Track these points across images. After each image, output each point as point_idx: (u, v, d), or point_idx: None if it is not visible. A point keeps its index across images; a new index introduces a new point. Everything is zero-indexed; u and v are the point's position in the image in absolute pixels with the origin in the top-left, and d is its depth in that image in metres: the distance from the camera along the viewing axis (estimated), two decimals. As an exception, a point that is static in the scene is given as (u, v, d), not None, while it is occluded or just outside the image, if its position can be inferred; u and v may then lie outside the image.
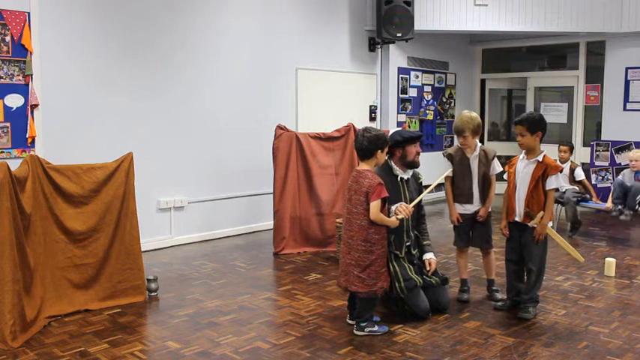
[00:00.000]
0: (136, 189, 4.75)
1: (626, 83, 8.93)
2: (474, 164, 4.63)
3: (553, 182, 4.15)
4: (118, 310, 4.51)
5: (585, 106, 9.63)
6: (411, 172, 4.40)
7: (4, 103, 5.29)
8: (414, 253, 4.38)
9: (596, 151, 8.64)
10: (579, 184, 7.35)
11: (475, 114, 4.67)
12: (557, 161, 7.36)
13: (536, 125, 4.17)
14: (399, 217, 4.02)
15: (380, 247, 3.94)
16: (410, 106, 9.57)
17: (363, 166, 4.00)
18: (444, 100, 10.25)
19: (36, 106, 5.45)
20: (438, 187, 4.61)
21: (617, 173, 8.18)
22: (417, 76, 9.69)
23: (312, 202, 6.42)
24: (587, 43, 9.51)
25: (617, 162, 8.43)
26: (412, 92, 9.60)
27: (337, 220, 5.90)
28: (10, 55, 5.30)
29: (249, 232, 7.34)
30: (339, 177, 6.47)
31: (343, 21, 8.56)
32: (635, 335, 4.00)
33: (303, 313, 4.43)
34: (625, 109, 8.97)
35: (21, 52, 5.36)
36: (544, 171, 4.15)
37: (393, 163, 4.33)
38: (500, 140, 10.93)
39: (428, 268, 4.37)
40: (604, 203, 7.33)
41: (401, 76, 9.37)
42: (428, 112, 9.89)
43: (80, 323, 4.22)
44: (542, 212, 4.16)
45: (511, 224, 4.39)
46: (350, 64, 8.69)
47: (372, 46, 8.98)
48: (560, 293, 4.91)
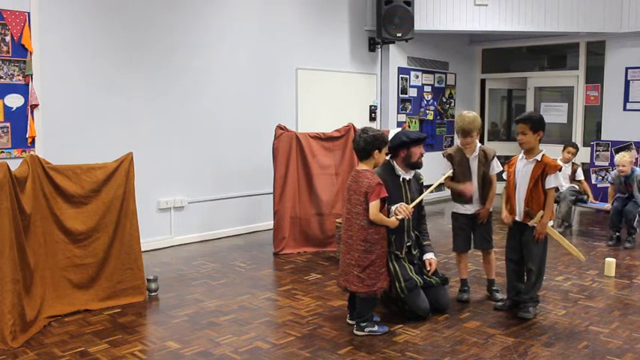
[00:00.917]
0: (136, 189, 4.76)
1: (626, 83, 8.93)
2: (473, 164, 4.63)
3: (552, 181, 4.15)
4: (118, 310, 4.51)
5: (585, 106, 9.63)
6: (412, 173, 4.39)
7: (4, 103, 5.29)
8: (415, 253, 4.39)
9: (596, 151, 8.64)
10: (579, 183, 7.39)
11: (474, 113, 4.67)
12: (559, 161, 7.39)
13: (539, 124, 4.19)
14: (399, 217, 4.02)
15: (379, 247, 3.94)
16: (410, 106, 9.57)
17: (363, 166, 4.00)
18: (444, 100, 10.24)
19: (36, 106, 5.46)
20: (439, 187, 4.61)
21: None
22: (417, 76, 9.68)
23: (312, 202, 6.42)
24: (587, 43, 9.51)
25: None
26: (412, 92, 9.60)
27: (337, 220, 5.90)
28: (10, 55, 5.30)
29: (249, 232, 7.33)
30: (339, 177, 6.47)
31: (343, 21, 8.55)
32: (635, 335, 4.00)
33: (303, 313, 4.43)
34: (625, 109, 8.97)
35: (21, 52, 5.36)
36: (543, 170, 4.15)
37: (395, 164, 4.32)
38: (501, 140, 10.93)
39: (428, 269, 4.37)
40: (604, 203, 7.34)
41: (401, 76, 9.37)
42: (428, 112, 9.89)
43: (80, 323, 4.22)
44: (541, 211, 4.16)
45: (512, 225, 4.39)
46: (350, 64, 8.68)
47: (372, 46, 8.98)
48: (560, 293, 4.91)
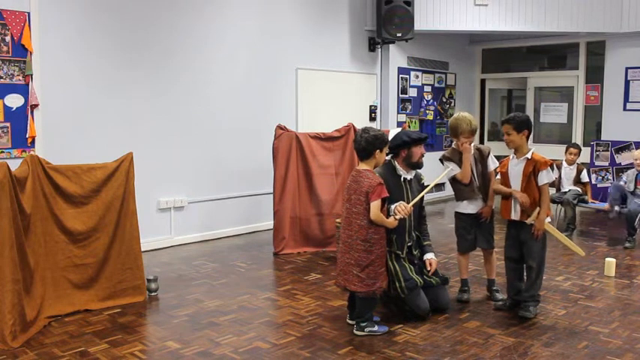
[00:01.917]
0: (136, 189, 4.75)
1: (626, 83, 8.93)
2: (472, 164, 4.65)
3: (544, 177, 4.20)
4: (118, 310, 4.51)
5: (585, 106, 9.63)
6: (413, 173, 4.38)
7: (4, 103, 5.29)
8: (415, 253, 4.38)
9: (596, 151, 8.64)
10: (583, 185, 7.38)
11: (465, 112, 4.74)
12: (563, 162, 7.39)
13: (522, 124, 4.28)
14: (398, 217, 4.01)
15: (379, 247, 3.94)
16: (410, 106, 9.57)
17: (363, 166, 4.00)
18: (444, 100, 10.25)
19: (36, 106, 5.45)
20: (438, 187, 4.60)
21: (616, 173, 8.18)
22: (417, 76, 9.68)
23: (312, 202, 6.42)
24: (587, 43, 9.51)
25: (617, 162, 8.43)
26: (412, 92, 9.60)
27: (337, 220, 5.89)
28: (10, 55, 5.30)
29: (249, 232, 7.33)
30: (339, 177, 6.47)
31: (343, 21, 8.55)
32: (635, 335, 4.00)
33: (303, 313, 4.43)
34: (625, 109, 8.97)
35: (21, 52, 5.36)
36: (534, 167, 4.21)
37: (396, 164, 4.31)
38: (500, 140, 10.86)
39: (428, 269, 4.37)
40: (603, 203, 7.34)
41: (401, 76, 9.37)
42: (428, 112, 9.89)
43: (80, 323, 4.22)
44: (538, 208, 4.18)
45: (509, 223, 4.42)
46: (350, 64, 8.68)
47: (372, 46, 8.98)
48: (560, 293, 4.91)
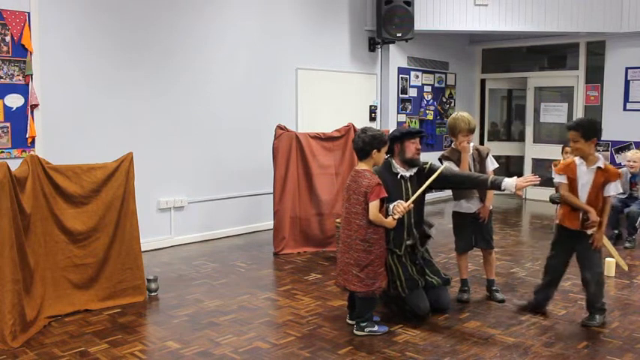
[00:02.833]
0: (136, 189, 4.76)
1: (626, 83, 8.93)
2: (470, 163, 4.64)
3: (612, 189, 4.08)
4: (118, 310, 4.51)
5: (585, 106, 9.62)
6: (414, 170, 4.27)
7: (4, 103, 5.29)
8: (418, 252, 4.33)
9: (595, 151, 8.62)
10: None
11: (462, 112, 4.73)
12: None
13: (591, 132, 4.06)
14: (396, 216, 3.98)
15: (378, 246, 3.94)
16: (410, 106, 9.57)
17: (362, 165, 3.99)
18: (444, 100, 10.25)
19: (36, 106, 5.45)
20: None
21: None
22: (417, 76, 9.68)
23: (312, 202, 6.42)
24: (587, 43, 9.50)
25: (617, 162, 8.43)
26: (412, 92, 9.60)
27: (337, 220, 5.89)
28: (10, 55, 5.30)
29: (249, 232, 7.33)
30: (339, 177, 6.47)
31: (343, 21, 8.55)
32: (635, 335, 4.00)
33: (303, 313, 4.43)
34: (625, 109, 8.96)
35: (21, 52, 5.36)
36: (605, 177, 4.06)
37: (394, 161, 4.29)
38: (501, 140, 10.93)
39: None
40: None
41: (401, 76, 9.37)
42: (428, 112, 9.89)
43: (80, 323, 4.22)
44: (598, 218, 4.03)
45: (564, 231, 4.21)
46: (350, 64, 8.68)
47: (372, 46, 8.98)
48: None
